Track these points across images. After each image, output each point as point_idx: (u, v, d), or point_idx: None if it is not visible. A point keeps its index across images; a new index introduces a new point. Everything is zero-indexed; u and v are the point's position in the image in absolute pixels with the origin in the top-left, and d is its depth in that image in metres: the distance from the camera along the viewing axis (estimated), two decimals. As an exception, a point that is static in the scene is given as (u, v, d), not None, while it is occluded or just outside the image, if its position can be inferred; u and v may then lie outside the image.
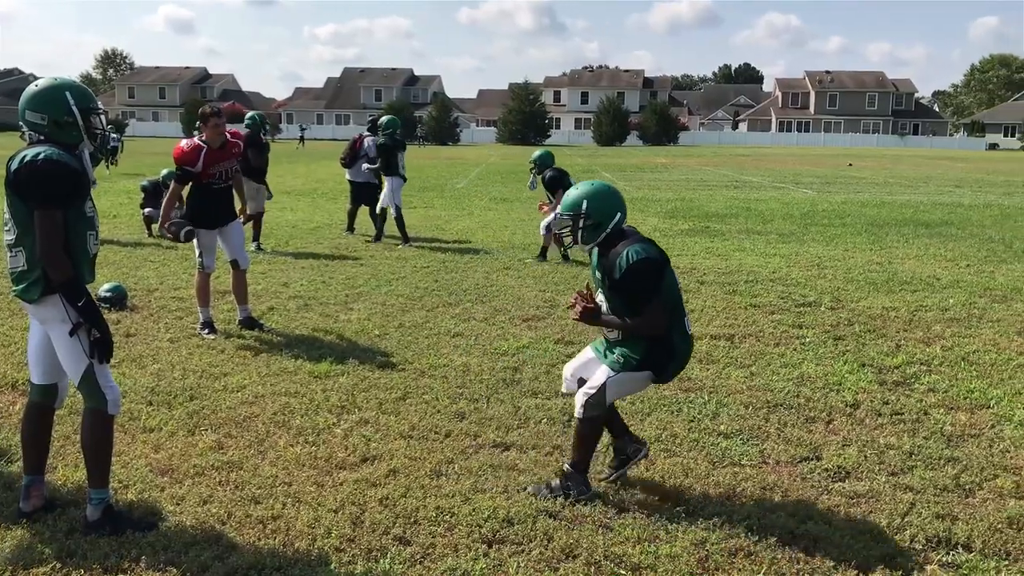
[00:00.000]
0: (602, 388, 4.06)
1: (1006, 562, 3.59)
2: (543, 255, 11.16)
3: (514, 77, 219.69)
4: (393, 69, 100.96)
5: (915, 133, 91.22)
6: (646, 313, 3.94)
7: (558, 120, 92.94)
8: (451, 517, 3.89)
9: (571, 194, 4.16)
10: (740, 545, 3.67)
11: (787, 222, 15.77)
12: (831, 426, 5.17)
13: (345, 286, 9.17)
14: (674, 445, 4.82)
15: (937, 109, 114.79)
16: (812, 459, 4.64)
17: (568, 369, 4.42)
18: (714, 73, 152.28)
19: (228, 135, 7.25)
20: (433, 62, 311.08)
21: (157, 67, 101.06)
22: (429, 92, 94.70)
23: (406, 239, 12.27)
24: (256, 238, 11.61)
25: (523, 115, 76.85)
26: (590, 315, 4.04)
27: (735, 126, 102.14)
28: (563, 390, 4.46)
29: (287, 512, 3.93)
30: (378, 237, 12.52)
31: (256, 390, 5.67)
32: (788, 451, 4.74)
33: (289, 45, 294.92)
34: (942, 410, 5.43)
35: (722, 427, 5.10)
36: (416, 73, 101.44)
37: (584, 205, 4.09)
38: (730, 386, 5.88)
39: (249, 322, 7.32)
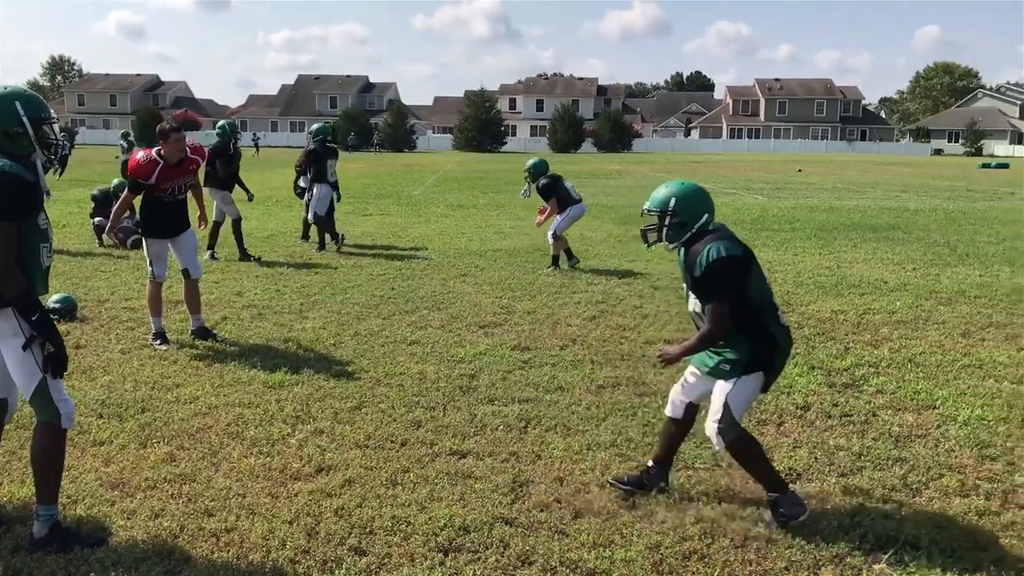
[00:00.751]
0: (726, 408, 3.90)
1: (951, 559, 3.67)
2: (555, 263, 10.96)
3: (470, 84, 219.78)
4: (348, 76, 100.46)
5: (862, 139, 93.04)
6: (713, 313, 3.85)
7: (514, 127, 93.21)
8: (407, 526, 3.88)
9: (660, 192, 4.10)
10: (694, 548, 3.72)
11: (738, 227, 15.97)
12: (782, 428, 5.25)
13: (300, 295, 9.11)
14: (629, 449, 4.86)
15: (884, 115, 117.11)
16: (764, 461, 4.70)
17: (674, 392, 4.24)
18: (666, 81, 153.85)
19: (188, 150, 7.12)
20: (388, 69, 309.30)
21: (107, 74, 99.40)
22: (385, 99, 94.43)
23: (320, 243, 12.43)
24: (241, 245, 11.51)
25: (479, 122, 76.95)
26: (674, 355, 4.00)
27: (687, 133, 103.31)
28: (667, 413, 4.26)
29: (241, 524, 3.90)
30: (322, 245, 12.45)
31: (209, 401, 5.60)
32: (741, 454, 4.80)
33: (243, 51, 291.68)
34: (890, 411, 5.55)
35: (676, 431, 5.14)
36: (371, 80, 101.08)
37: (672, 204, 4.03)
38: (684, 390, 5.94)
39: (202, 332, 7.23)
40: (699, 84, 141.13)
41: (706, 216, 4.02)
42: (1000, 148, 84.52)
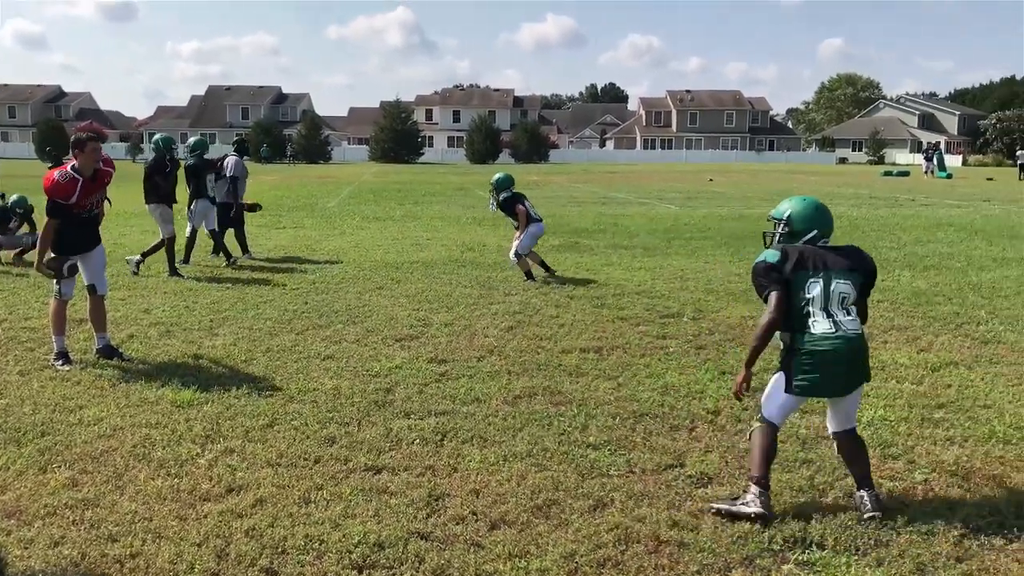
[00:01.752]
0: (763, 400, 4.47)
1: (856, 556, 3.79)
2: (528, 276, 10.77)
3: (385, 95, 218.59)
4: (260, 87, 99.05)
5: (771, 149, 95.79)
6: (766, 304, 4.33)
7: (431, 138, 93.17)
8: (320, 545, 3.82)
9: (783, 204, 4.58)
10: (608, 555, 3.75)
11: (652, 236, 16.26)
12: (694, 433, 5.34)
13: (210, 311, 8.89)
14: (545, 459, 4.88)
15: (791, 126, 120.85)
16: (677, 466, 4.79)
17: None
18: (581, 92, 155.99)
19: (101, 162, 6.84)
20: (302, 80, 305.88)
21: (5, 85, 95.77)
22: (298, 110, 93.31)
23: (228, 256, 12.33)
24: (172, 262, 11.23)
25: (395, 133, 76.70)
26: (744, 376, 4.46)
27: (603, 144, 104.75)
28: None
29: (147, 549, 3.77)
30: (229, 258, 12.24)
31: (114, 422, 5.42)
32: (654, 459, 4.88)
33: (150, 62, 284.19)
34: (797, 414, 5.68)
35: (591, 439, 5.20)
36: (284, 91, 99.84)
37: (787, 214, 4.50)
38: (598, 398, 6.01)
39: (108, 351, 7.00)
40: (613, 95, 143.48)
41: (815, 231, 4.43)
42: (901, 157, 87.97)
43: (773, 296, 4.29)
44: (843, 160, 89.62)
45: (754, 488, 4.17)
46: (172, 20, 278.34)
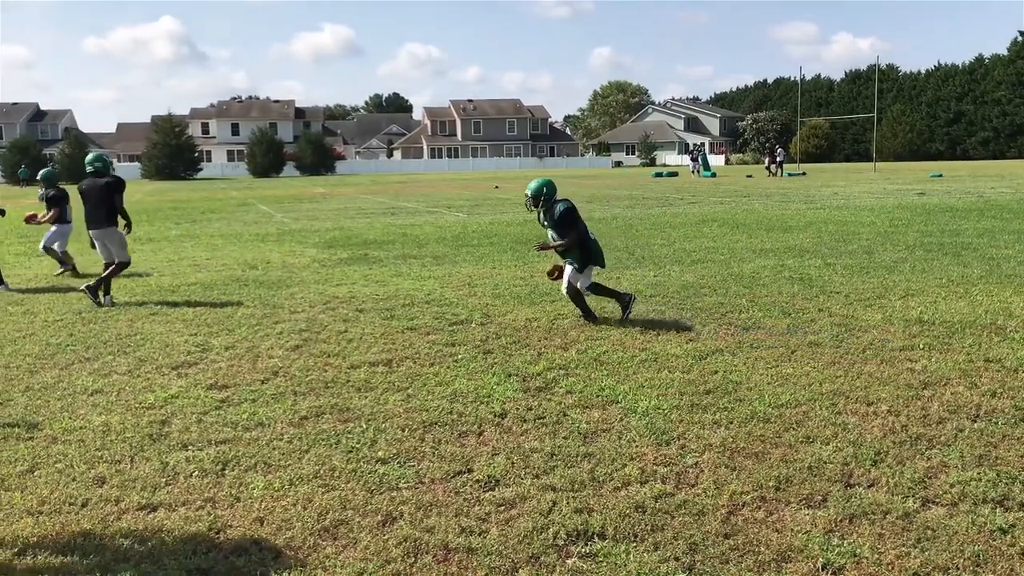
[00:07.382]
0: (571, 285, 8.60)
1: (635, 544, 3.96)
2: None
3: (157, 109, 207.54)
4: (14, 103, 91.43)
5: (552, 155, 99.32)
6: (568, 237, 8.47)
7: (208, 152, 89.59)
8: (87, 595, 3.55)
9: (535, 183, 8.69)
10: (397, 570, 3.72)
11: (441, 245, 16.39)
12: (482, 437, 5.42)
13: (-42, 351, 8.07)
14: (333, 479, 4.78)
15: (569, 132, 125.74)
16: (465, 472, 4.83)
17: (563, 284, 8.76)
18: (366, 103, 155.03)
19: None
20: (62, 95, 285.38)
21: None
22: (60, 127, 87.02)
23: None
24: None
25: (169, 148, 73.10)
26: (546, 247, 8.68)
27: (390, 154, 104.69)
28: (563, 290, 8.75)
29: None
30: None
31: None
32: (443, 468, 4.90)
33: None
34: (578, 409, 5.91)
35: (380, 453, 5.15)
36: (43, 107, 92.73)
37: (543, 189, 8.59)
38: (388, 411, 5.97)
39: None
40: (397, 106, 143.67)
41: (554, 194, 8.61)
42: (670, 158, 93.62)
43: (575, 232, 8.46)
44: (618, 163, 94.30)
45: (623, 303, 8.78)
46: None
